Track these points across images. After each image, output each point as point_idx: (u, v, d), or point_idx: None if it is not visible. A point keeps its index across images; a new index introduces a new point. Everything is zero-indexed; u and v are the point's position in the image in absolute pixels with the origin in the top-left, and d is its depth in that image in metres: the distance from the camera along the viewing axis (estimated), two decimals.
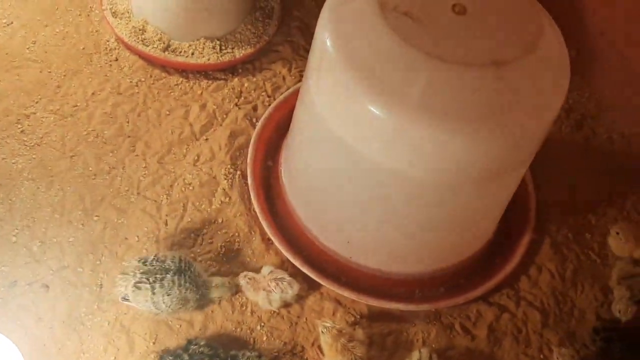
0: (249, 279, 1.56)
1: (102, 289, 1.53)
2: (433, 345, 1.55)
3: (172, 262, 1.49)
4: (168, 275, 1.46)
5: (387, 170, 1.39)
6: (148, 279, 1.45)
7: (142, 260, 1.49)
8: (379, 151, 1.37)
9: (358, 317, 1.58)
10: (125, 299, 1.48)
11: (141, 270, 1.47)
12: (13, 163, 1.67)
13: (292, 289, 1.55)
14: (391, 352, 1.55)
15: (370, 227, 1.55)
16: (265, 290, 1.54)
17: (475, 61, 1.31)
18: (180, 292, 1.47)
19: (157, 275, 1.46)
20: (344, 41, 1.37)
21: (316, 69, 1.45)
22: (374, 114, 1.31)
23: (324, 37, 1.39)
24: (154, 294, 1.45)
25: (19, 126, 1.74)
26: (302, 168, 1.65)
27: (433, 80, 1.30)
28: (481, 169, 1.38)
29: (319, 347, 1.54)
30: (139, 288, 1.45)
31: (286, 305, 1.58)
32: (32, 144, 1.72)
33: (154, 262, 1.49)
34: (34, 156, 1.70)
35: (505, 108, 1.31)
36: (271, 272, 1.57)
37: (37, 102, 1.79)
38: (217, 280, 1.54)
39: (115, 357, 1.45)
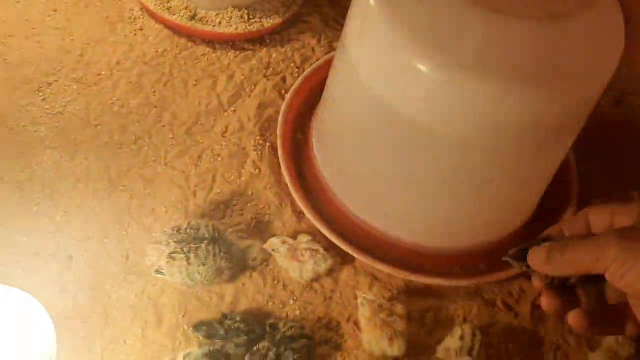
0: (288, 244, 1.49)
1: (128, 260, 1.46)
2: (474, 322, 1.48)
3: (205, 229, 1.42)
4: (202, 245, 1.39)
5: (431, 133, 1.31)
6: (182, 249, 1.38)
7: (176, 228, 1.42)
8: (423, 112, 1.29)
9: (395, 292, 1.51)
10: (158, 271, 1.41)
11: (175, 239, 1.41)
12: (34, 131, 1.61)
13: (325, 262, 1.48)
14: (430, 329, 1.47)
15: (409, 198, 1.47)
16: (298, 260, 1.48)
17: (530, 14, 1.23)
18: (215, 262, 1.39)
19: (192, 245, 1.39)
20: None
21: (357, 28, 1.38)
22: (421, 71, 1.23)
23: None
24: (189, 264, 1.37)
25: (40, 94, 1.67)
26: (335, 137, 1.58)
27: (486, 34, 1.23)
28: (536, 132, 1.29)
29: (355, 322, 1.47)
30: (173, 259, 1.38)
31: (317, 277, 1.50)
32: (54, 112, 1.65)
33: (188, 229, 1.42)
34: (56, 124, 1.63)
35: (563, 65, 1.22)
36: (307, 241, 1.50)
37: (59, 70, 1.72)
38: (251, 241, 1.48)
39: (142, 330, 1.38)
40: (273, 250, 1.52)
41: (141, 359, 1.36)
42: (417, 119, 1.32)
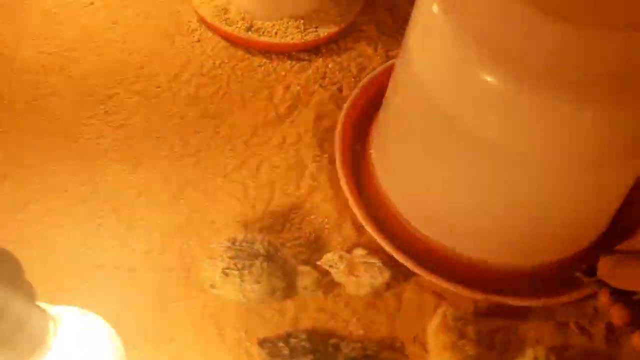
0: (346, 260, 1.44)
1: (189, 274, 1.46)
2: (547, 344, 1.41)
3: (261, 245, 1.39)
4: (257, 262, 1.36)
5: (498, 147, 1.26)
6: (236, 265, 1.36)
7: (231, 241, 1.39)
8: (490, 126, 1.24)
9: (463, 312, 1.46)
10: (213, 286, 1.39)
11: (229, 254, 1.38)
12: (97, 144, 1.63)
13: (381, 276, 1.43)
14: (500, 351, 1.41)
15: (476, 213, 1.42)
16: (355, 274, 1.44)
17: (606, 23, 1.16)
18: (270, 281, 1.36)
19: (246, 261, 1.36)
20: (454, 3, 1.25)
21: (420, 37, 1.34)
22: (490, 85, 1.19)
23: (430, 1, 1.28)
24: (242, 281, 1.35)
25: (103, 106, 1.69)
26: (396, 149, 1.54)
27: (558, 44, 1.17)
28: (611, 148, 1.23)
29: (422, 343, 1.42)
30: (226, 275, 1.35)
31: (375, 293, 1.46)
32: (116, 125, 1.66)
33: (243, 243, 1.38)
34: (118, 137, 1.64)
35: None
36: (362, 255, 1.46)
37: (120, 83, 1.74)
38: (305, 268, 1.44)
39: (205, 346, 1.37)
40: (330, 266, 1.49)
41: None
42: (483, 132, 1.27)
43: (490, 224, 1.45)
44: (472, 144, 1.31)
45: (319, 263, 1.48)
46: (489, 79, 1.20)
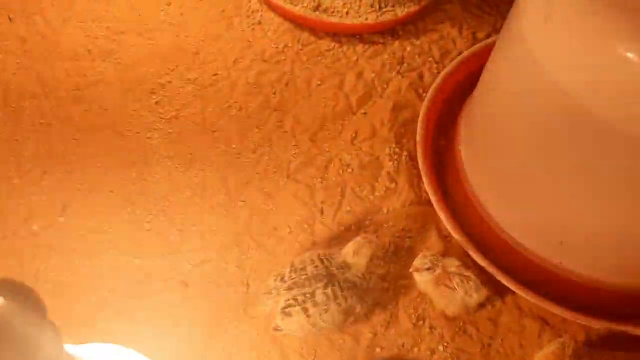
0: (439, 267, 1.22)
1: (249, 290, 1.27)
2: None
3: (314, 267, 1.17)
4: (320, 289, 1.14)
5: (633, 137, 1.01)
6: (295, 299, 1.14)
7: (279, 278, 1.18)
8: (625, 110, 0.99)
9: (572, 342, 1.21)
10: (277, 329, 1.19)
11: (284, 288, 1.17)
12: (147, 138, 1.45)
13: (477, 293, 1.22)
14: None
15: (597, 220, 1.16)
16: (446, 285, 1.22)
17: None
18: (340, 305, 1.15)
19: (306, 290, 1.15)
20: None
21: (539, 12, 1.09)
22: (630, 62, 0.94)
23: None
24: (308, 316, 1.14)
25: (154, 96, 1.51)
26: (494, 143, 1.29)
27: None
28: None
29: None
30: (289, 314, 1.14)
31: (466, 312, 1.24)
32: (168, 117, 1.48)
33: (293, 274, 1.17)
34: (170, 130, 1.46)
35: None
36: (458, 266, 1.24)
37: (172, 70, 1.56)
38: (349, 249, 1.19)
39: None
40: (417, 270, 1.25)
41: None
42: (614, 119, 1.02)
43: (613, 233, 1.18)
44: (600, 133, 1.05)
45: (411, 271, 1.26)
46: (629, 54, 0.95)
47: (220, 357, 1.19)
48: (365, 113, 1.51)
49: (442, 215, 1.33)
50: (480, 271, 1.26)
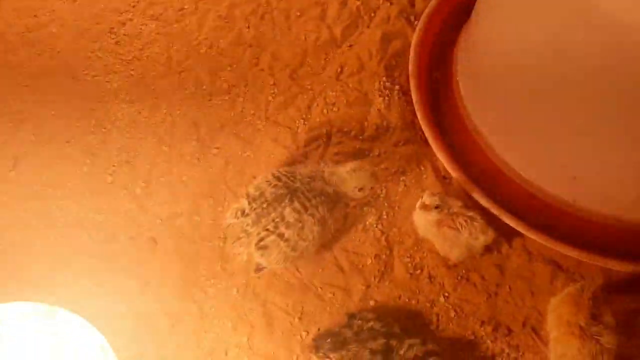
0: (440, 200, 1.09)
1: (226, 244, 1.14)
2: None
3: (272, 188, 1.05)
4: (286, 207, 1.03)
5: None
6: (267, 229, 1.03)
7: (240, 213, 1.05)
8: None
9: (592, 285, 1.09)
10: (259, 269, 1.08)
11: (249, 222, 1.05)
12: (107, 82, 1.30)
13: (483, 235, 1.09)
14: None
15: (614, 150, 1.02)
16: (450, 227, 1.09)
17: None
18: (313, 215, 1.04)
19: (273, 216, 1.03)
20: None
21: None
22: None
23: None
24: (286, 240, 1.03)
25: (113, 36, 1.35)
26: (501, 73, 1.14)
27: None
28: None
29: (534, 329, 1.07)
30: (265, 247, 1.03)
31: (471, 256, 1.12)
32: (129, 58, 1.33)
33: (253, 203, 1.05)
34: (132, 72, 1.31)
35: None
36: (461, 206, 1.11)
37: (134, 6, 1.39)
38: (348, 167, 1.08)
39: (248, 338, 1.06)
40: (424, 209, 1.10)
41: None
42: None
43: (631, 165, 1.04)
44: (614, 44, 0.90)
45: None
46: None
47: (196, 319, 1.07)
48: (351, 45, 1.36)
49: (440, 154, 1.19)
50: (484, 213, 1.13)
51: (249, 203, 1.04)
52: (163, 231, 1.15)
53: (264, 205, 1.04)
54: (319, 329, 1.05)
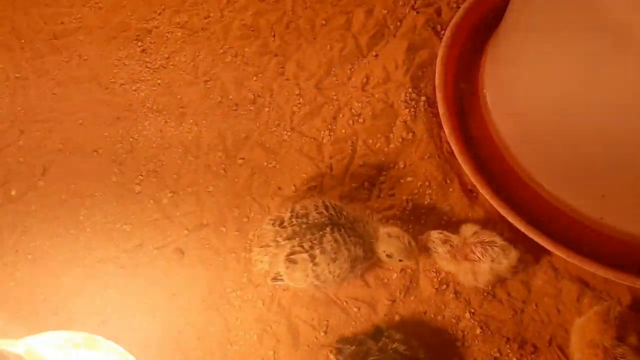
0: (443, 241, 1.09)
1: (252, 255, 1.14)
2: None
3: (317, 214, 1.05)
4: (327, 233, 1.03)
5: None
6: (302, 246, 1.03)
7: (278, 222, 1.05)
8: None
9: (617, 305, 1.08)
10: (276, 279, 1.07)
11: (285, 235, 1.04)
12: (134, 90, 1.31)
13: (507, 258, 1.07)
14: None
15: None
16: (469, 258, 1.08)
17: None
18: (349, 250, 1.03)
19: (310, 237, 1.03)
20: None
21: None
22: None
23: None
24: (315, 264, 1.02)
25: (140, 44, 1.36)
26: (527, 84, 1.13)
27: None
28: None
29: (560, 348, 1.06)
30: (294, 261, 1.02)
31: (500, 281, 1.11)
32: (156, 66, 1.33)
33: (294, 219, 1.05)
34: (158, 81, 1.32)
35: None
36: (475, 233, 1.09)
37: (159, 14, 1.39)
38: (388, 230, 1.07)
39: (274, 352, 1.06)
40: (431, 249, 1.11)
41: None
42: None
43: None
44: None
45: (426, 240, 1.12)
46: None
47: (222, 330, 1.08)
48: (376, 55, 1.35)
49: (466, 168, 1.18)
50: (510, 228, 1.13)
51: (290, 218, 1.04)
52: (189, 242, 1.16)
53: (304, 226, 1.03)
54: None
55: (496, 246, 1.08)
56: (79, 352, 0.76)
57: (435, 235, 1.11)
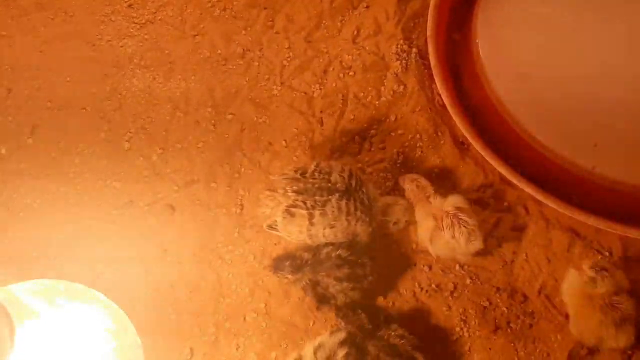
0: (411, 179, 1.10)
1: (243, 211, 1.15)
2: None
3: (340, 176, 1.05)
4: (333, 199, 1.03)
5: None
6: (305, 203, 1.03)
7: (300, 172, 1.05)
8: None
9: (607, 254, 1.08)
10: (272, 227, 1.07)
11: (295, 188, 1.04)
12: (121, 46, 1.29)
13: (467, 242, 1.04)
14: None
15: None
16: (438, 222, 1.06)
17: None
18: (349, 224, 1.03)
19: (318, 197, 1.03)
20: None
21: None
22: None
23: None
24: (311, 224, 1.03)
25: None
26: (517, 31, 1.11)
27: None
28: None
29: (548, 297, 1.07)
30: (292, 214, 1.03)
31: (451, 259, 1.10)
32: (142, 22, 1.31)
33: (316, 174, 1.04)
34: (146, 37, 1.30)
35: None
36: (457, 208, 1.06)
37: None
38: (386, 200, 1.10)
39: (266, 305, 1.08)
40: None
41: (265, 342, 1.06)
42: None
43: None
44: None
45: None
46: None
47: (214, 285, 1.09)
48: (367, 6, 1.32)
49: (457, 119, 1.17)
50: (501, 179, 1.12)
51: (313, 172, 1.04)
52: (180, 198, 1.16)
53: (322, 184, 1.03)
54: None
55: (465, 227, 1.05)
56: (60, 299, 0.77)
57: (409, 179, 1.11)
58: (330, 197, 1.03)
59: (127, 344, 0.85)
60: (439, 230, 1.07)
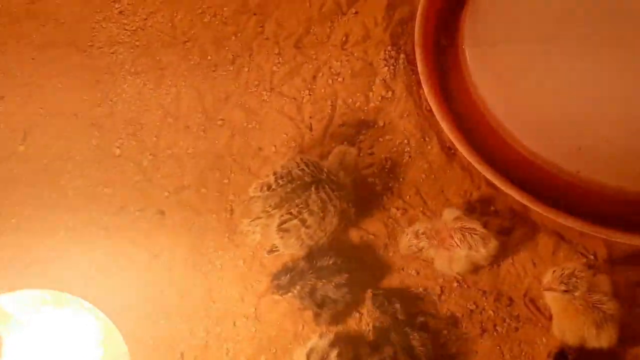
0: (421, 233, 1.07)
1: (232, 216, 1.17)
2: None
3: (299, 170, 1.07)
4: (312, 193, 1.05)
5: None
6: (291, 212, 1.05)
7: (266, 186, 1.07)
8: None
9: (592, 257, 1.10)
10: (272, 251, 1.09)
11: (273, 203, 1.07)
12: (112, 53, 1.30)
13: (485, 247, 1.05)
14: None
15: (620, 121, 1.02)
16: (445, 245, 1.06)
17: None
18: (335, 207, 1.06)
19: (298, 200, 1.05)
20: None
21: None
22: None
23: None
24: (307, 227, 1.05)
25: (117, 5, 1.35)
26: (505, 37, 1.12)
27: None
28: None
29: (533, 300, 1.09)
30: (287, 230, 1.05)
31: (476, 269, 1.11)
32: (134, 28, 1.33)
33: (280, 181, 1.07)
34: (137, 43, 1.31)
35: None
36: (457, 218, 1.08)
37: None
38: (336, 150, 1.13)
39: (256, 309, 1.09)
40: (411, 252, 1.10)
41: (254, 347, 1.08)
42: None
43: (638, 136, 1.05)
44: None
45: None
46: None
47: (204, 289, 1.11)
48: (356, 12, 1.33)
49: (445, 125, 1.18)
50: (487, 184, 1.14)
51: (275, 180, 1.06)
52: (170, 204, 1.17)
53: (289, 186, 1.06)
54: None
55: (476, 234, 1.06)
56: (47, 308, 0.78)
57: (412, 232, 1.08)
58: (307, 192, 1.05)
59: (113, 353, 0.87)
60: (454, 249, 1.05)
